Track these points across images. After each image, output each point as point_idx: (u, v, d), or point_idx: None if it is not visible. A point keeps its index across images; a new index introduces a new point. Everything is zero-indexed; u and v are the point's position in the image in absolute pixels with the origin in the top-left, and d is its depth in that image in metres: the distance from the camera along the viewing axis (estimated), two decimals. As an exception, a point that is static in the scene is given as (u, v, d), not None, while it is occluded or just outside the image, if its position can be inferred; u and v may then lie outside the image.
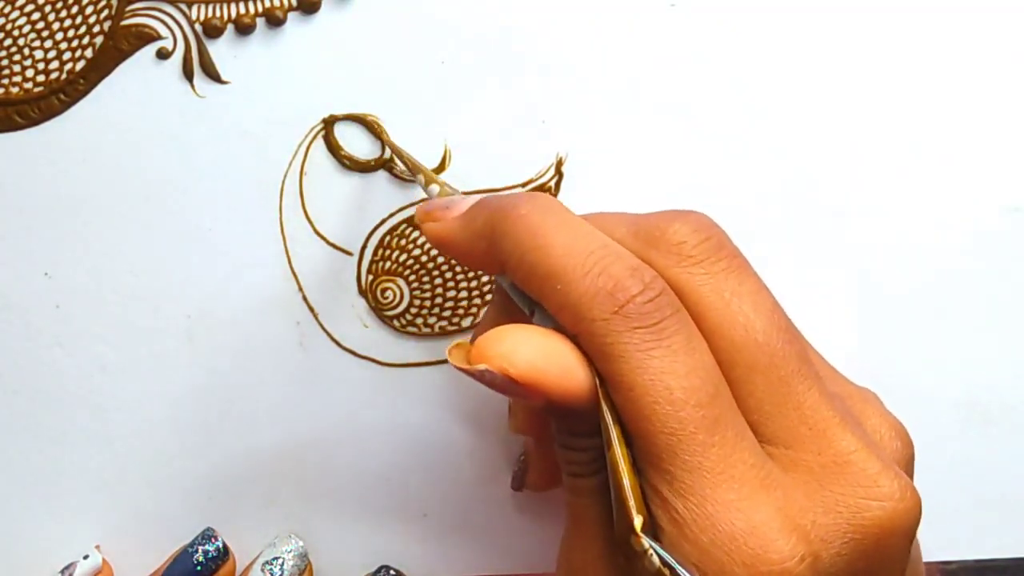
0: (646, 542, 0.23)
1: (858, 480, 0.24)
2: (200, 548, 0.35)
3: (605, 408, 0.24)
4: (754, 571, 0.22)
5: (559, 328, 0.25)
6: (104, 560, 0.35)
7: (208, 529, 0.35)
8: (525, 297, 0.27)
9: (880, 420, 0.27)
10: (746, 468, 0.23)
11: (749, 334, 0.25)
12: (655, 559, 0.23)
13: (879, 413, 0.27)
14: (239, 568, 0.35)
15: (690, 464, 0.23)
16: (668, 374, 0.23)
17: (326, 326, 0.35)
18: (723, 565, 0.23)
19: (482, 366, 0.24)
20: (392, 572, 0.35)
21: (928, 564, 0.38)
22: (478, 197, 0.29)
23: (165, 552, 0.35)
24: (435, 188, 0.32)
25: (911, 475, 0.27)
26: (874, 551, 0.24)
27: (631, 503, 0.23)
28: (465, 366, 0.24)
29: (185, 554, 0.35)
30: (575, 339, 0.25)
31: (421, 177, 0.33)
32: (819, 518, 0.23)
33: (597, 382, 0.24)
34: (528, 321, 0.27)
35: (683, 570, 0.22)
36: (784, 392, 0.24)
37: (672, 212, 0.26)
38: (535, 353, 0.24)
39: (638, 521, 0.23)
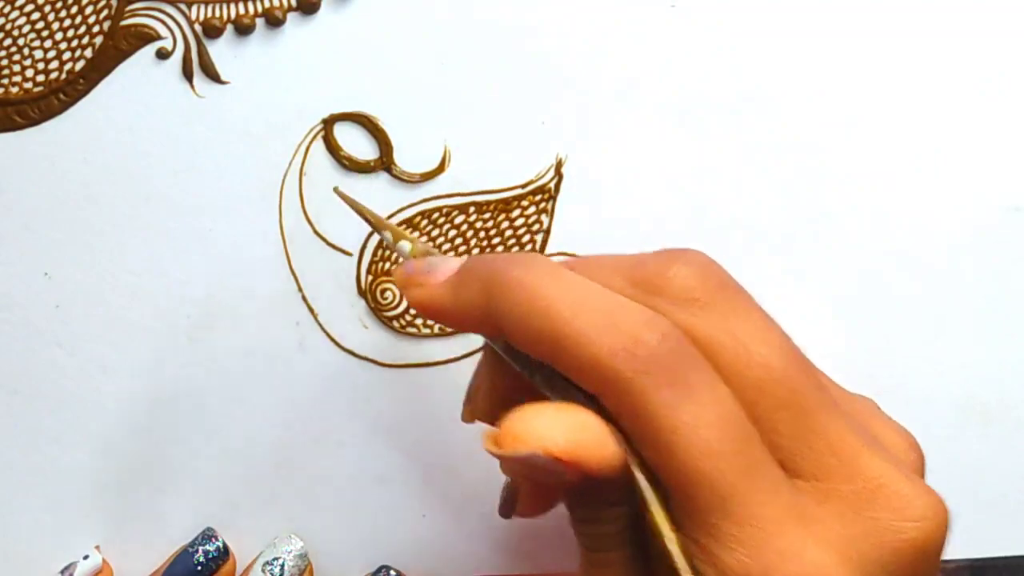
0: None
1: (892, 503, 0.24)
2: (200, 548, 0.35)
3: (637, 469, 0.23)
4: None
5: (565, 392, 0.24)
6: (104, 560, 0.35)
7: (208, 529, 0.35)
8: (524, 360, 0.26)
9: (891, 433, 0.27)
10: (784, 510, 0.23)
11: (768, 372, 0.24)
12: None
13: (886, 424, 0.27)
14: (239, 568, 0.35)
15: (737, 515, 0.23)
16: (703, 427, 0.23)
17: (326, 326, 0.35)
18: None
19: (527, 450, 0.23)
20: (392, 572, 0.35)
21: (928, 564, 0.38)
22: (460, 260, 0.28)
23: (165, 552, 0.35)
24: (405, 245, 0.31)
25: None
26: (910, 571, 0.24)
27: (681, 564, 0.23)
28: (510, 452, 0.23)
29: (185, 554, 0.35)
30: (596, 403, 0.24)
31: (388, 234, 0.31)
32: (861, 547, 0.23)
33: (625, 444, 0.24)
34: (525, 383, 0.26)
35: None
36: (809, 425, 0.24)
37: (666, 254, 0.25)
38: (567, 429, 0.23)
39: None
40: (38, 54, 0.34)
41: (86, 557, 0.35)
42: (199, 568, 0.34)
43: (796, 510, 0.23)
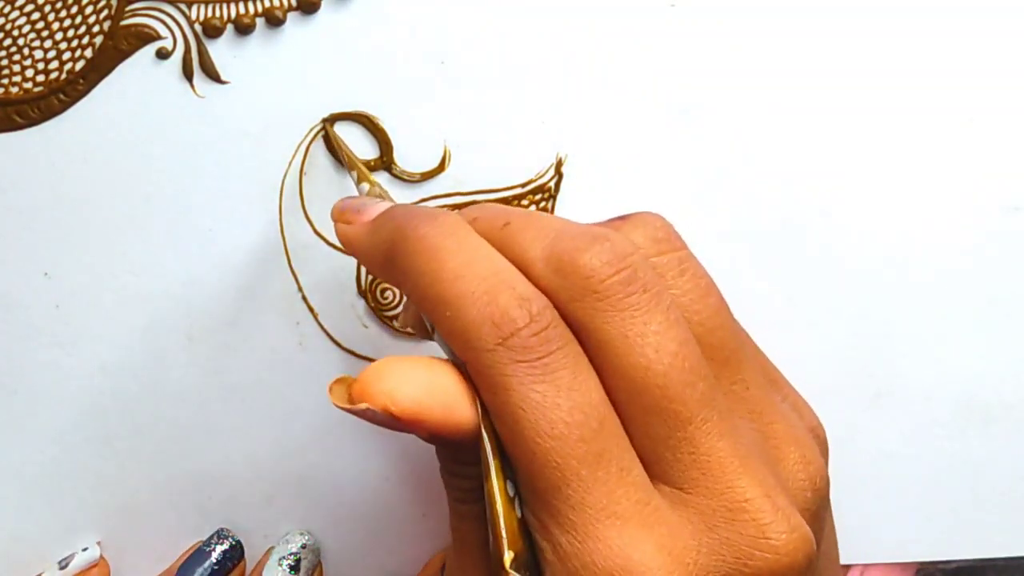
0: None
1: (747, 528, 0.24)
2: (216, 547, 0.35)
3: (486, 439, 0.24)
4: None
5: (451, 354, 0.25)
6: (102, 556, 0.36)
7: (223, 528, 0.35)
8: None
9: (800, 466, 0.26)
10: (630, 504, 0.23)
11: (648, 377, 0.24)
12: None
13: (802, 458, 0.26)
14: (247, 567, 0.35)
15: (572, 499, 0.23)
16: (551, 408, 0.23)
17: (326, 326, 0.35)
18: None
19: (363, 405, 0.24)
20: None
21: (928, 564, 0.38)
22: (387, 204, 0.28)
23: (165, 552, 0.35)
24: (365, 187, 0.32)
25: (820, 525, 0.27)
26: None
27: (503, 538, 0.23)
28: (347, 405, 0.24)
29: (201, 552, 0.35)
30: (463, 367, 0.24)
31: (355, 173, 0.32)
32: (702, 559, 0.23)
33: (480, 412, 0.24)
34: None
35: None
36: (679, 436, 0.24)
37: (591, 235, 0.25)
38: (419, 389, 0.24)
39: (508, 556, 0.23)
40: (38, 54, 0.34)
41: (85, 549, 0.35)
42: (215, 567, 0.34)
43: (644, 508, 0.23)
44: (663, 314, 0.24)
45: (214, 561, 0.34)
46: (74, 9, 0.33)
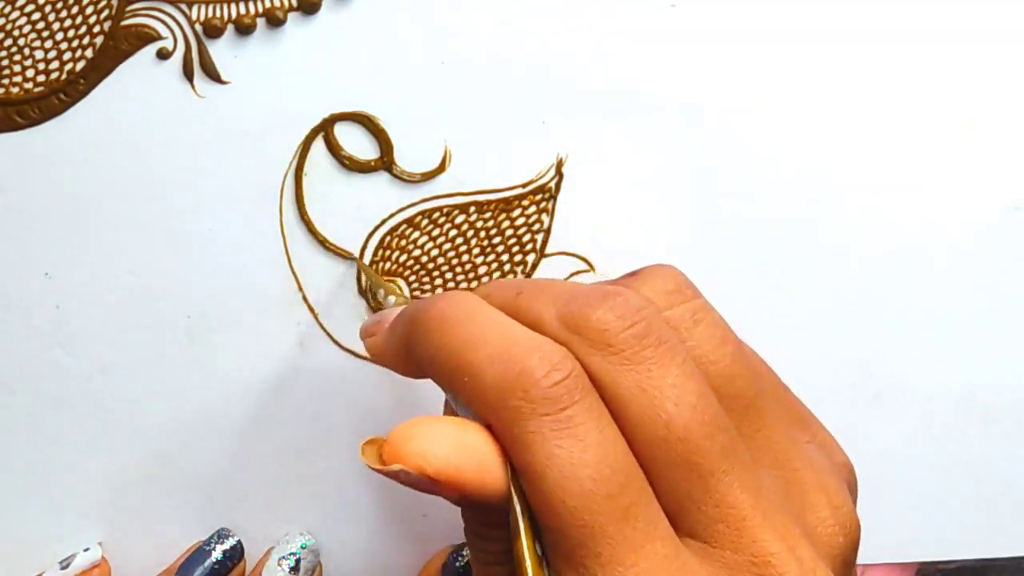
0: None
1: None
2: (217, 546, 0.35)
3: (515, 498, 0.24)
4: None
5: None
6: (104, 557, 0.36)
7: (224, 528, 0.35)
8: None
9: (828, 512, 0.26)
10: (658, 559, 0.23)
11: (669, 431, 0.24)
12: None
13: (831, 504, 0.26)
14: (247, 567, 0.35)
15: (602, 557, 0.23)
16: (578, 464, 0.23)
17: (326, 326, 0.35)
18: None
19: (397, 466, 0.23)
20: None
21: (928, 564, 0.38)
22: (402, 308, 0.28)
23: (165, 552, 0.35)
24: (392, 299, 0.32)
25: (850, 571, 0.26)
26: None
27: None
28: (379, 466, 0.24)
29: (202, 552, 0.35)
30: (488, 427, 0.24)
31: (382, 291, 0.33)
32: None
33: (509, 472, 0.24)
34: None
35: None
36: (702, 489, 0.24)
37: (600, 294, 0.25)
38: (450, 449, 0.23)
39: None
40: (38, 54, 0.34)
41: (86, 550, 0.35)
42: (216, 566, 0.34)
43: (672, 564, 0.23)
44: (679, 367, 0.24)
45: (214, 561, 0.35)
46: (74, 9, 0.33)
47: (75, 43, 0.34)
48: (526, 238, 0.35)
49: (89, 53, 0.34)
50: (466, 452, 0.24)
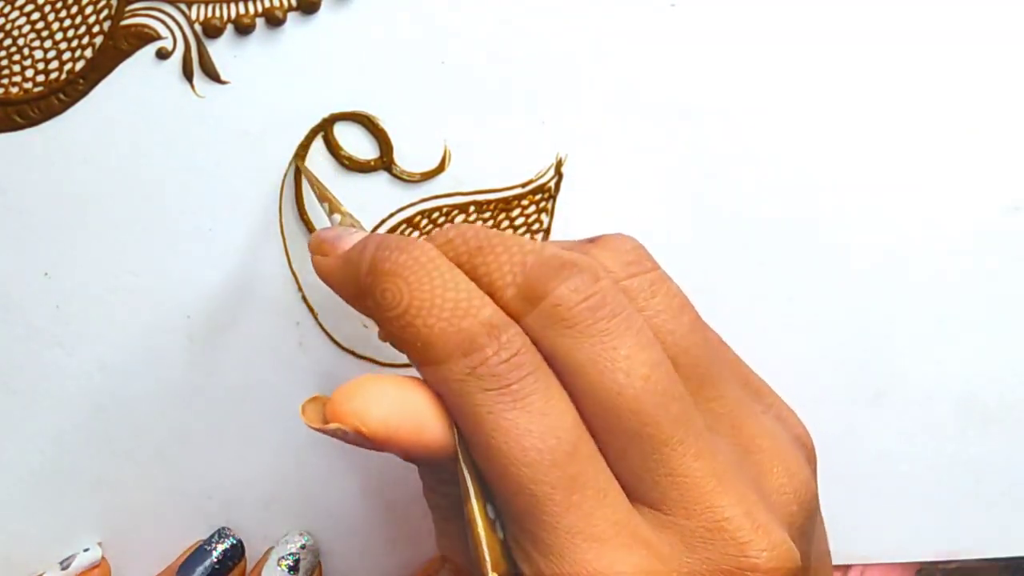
0: None
1: (727, 547, 0.24)
2: (217, 546, 0.35)
3: (463, 465, 0.24)
4: None
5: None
6: (104, 557, 0.36)
7: (224, 528, 0.35)
8: None
9: (785, 479, 0.26)
10: (608, 526, 0.23)
11: (621, 400, 0.24)
12: None
13: (786, 471, 0.26)
14: (247, 567, 0.36)
15: (548, 524, 0.23)
16: (523, 434, 0.23)
17: (326, 326, 0.35)
18: None
19: (334, 425, 0.24)
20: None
21: (928, 564, 0.38)
22: (363, 234, 0.28)
23: (165, 552, 0.35)
24: (337, 218, 0.32)
25: (808, 538, 0.27)
26: None
27: (487, 560, 0.24)
28: (318, 425, 0.24)
29: (202, 551, 0.35)
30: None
31: (327, 205, 0.32)
32: None
33: (456, 438, 0.24)
34: None
35: None
36: (655, 458, 0.24)
37: (558, 263, 0.25)
38: (389, 410, 0.24)
39: None
40: (38, 54, 0.34)
41: (86, 550, 0.35)
42: (216, 565, 0.34)
43: (621, 529, 0.23)
44: (633, 338, 0.25)
45: (215, 560, 0.35)
46: (74, 9, 0.33)
47: (74, 43, 0.34)
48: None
49: (89, 53, 0.34)
50: (405, 412, 0.24)
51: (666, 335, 0.26)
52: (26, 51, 0.34)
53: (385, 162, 0.35)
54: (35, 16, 0.34)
